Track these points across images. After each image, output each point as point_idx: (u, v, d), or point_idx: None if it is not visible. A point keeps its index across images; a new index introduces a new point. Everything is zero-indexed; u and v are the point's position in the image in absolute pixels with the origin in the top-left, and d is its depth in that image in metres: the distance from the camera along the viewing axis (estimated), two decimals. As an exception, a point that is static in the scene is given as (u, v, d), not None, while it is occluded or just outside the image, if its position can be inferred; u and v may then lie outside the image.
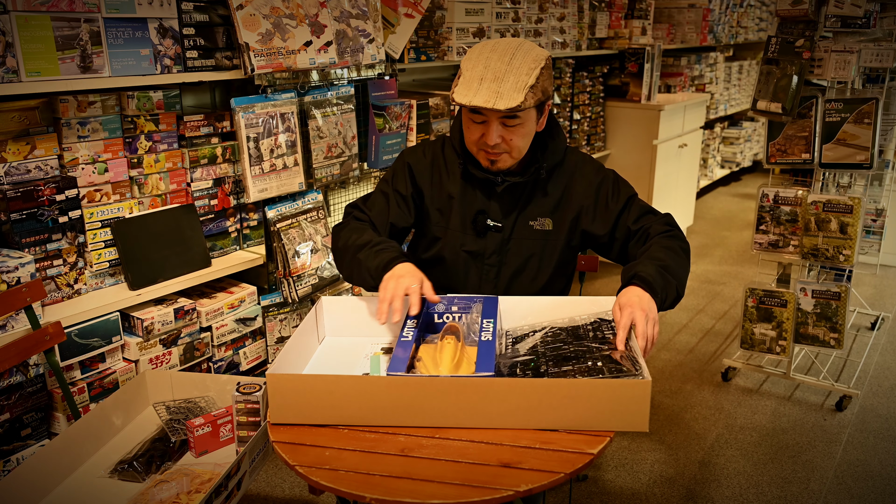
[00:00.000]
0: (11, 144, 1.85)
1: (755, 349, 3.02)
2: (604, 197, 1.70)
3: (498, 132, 1.56)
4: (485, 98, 1.49)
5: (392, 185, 1.75)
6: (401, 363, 1.34)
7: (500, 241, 1.72)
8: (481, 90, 1.50)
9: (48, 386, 1.89)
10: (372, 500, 1.15)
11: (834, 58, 2.67)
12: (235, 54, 2.24)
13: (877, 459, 2.59)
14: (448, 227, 1.74)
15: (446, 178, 1.74)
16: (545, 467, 1.20)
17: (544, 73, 1.55)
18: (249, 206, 2.43)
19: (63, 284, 1.98)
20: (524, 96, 1.49)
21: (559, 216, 1.71)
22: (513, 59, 1.52)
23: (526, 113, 1.56)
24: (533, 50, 1.56)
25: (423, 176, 1.75)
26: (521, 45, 1.56)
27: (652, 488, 2.42)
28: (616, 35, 4.31)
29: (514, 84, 1.49)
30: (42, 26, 1.77)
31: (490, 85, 1.50)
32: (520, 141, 1.60)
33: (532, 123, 1.60)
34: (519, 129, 1.58)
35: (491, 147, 1.58)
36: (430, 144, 1.79)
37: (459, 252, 1.73)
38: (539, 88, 1.53)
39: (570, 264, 1.79)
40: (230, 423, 1.68)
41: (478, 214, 1.71)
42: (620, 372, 1.34)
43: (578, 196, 1.71)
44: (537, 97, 1.53)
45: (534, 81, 1.50)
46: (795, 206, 2.85)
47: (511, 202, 1.70)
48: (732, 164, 6.56)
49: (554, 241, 1.72)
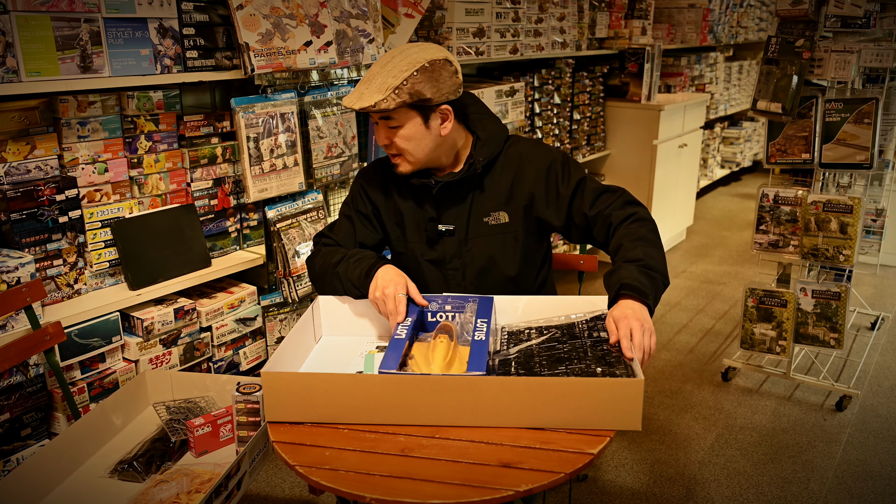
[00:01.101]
0: (11, 144, 1.85)
1: (755, 349, 3.02)
2: (553, 183, 1.68)
3: (383, 133, 1.61)
4: (351, 99, 1.57)
5: (353, 208, 1.79)
6: (393, 361, 1.35)
7: (457, 245, 1.71)
8: (354, 92, 1.58)
9: (48, 386, 1.90)
10: (372, 500, 1.15)
11: (834, 58, 2.67)
12: (235, 54, 2.24)
13: (877, 459, 2.59)
14: (406, 241, 1.75)
15: (395, 193, 1.75)
16: (545, 467, 1.20)
17: (419, 76, 1.52)
18: (249, 206, 2.43)
19: (63, 284, 1.98)
20: (383, 97, 1.51)
21: (512, 207, 1.70)
22: (390, 61, 1.55)
23: (401, 116, 1.57)
24: (418, 54, 1.54)
25: (376, 194, 1.77)
26: (408, 49, 1.56)
27: (652, 488, 2.42)
28: (616, 35, 4.31)
29: (379, 85, 1.53)
30: (42, 26, 1.77)
31: (361, 87, 1.57)
32: (405, 143, 1.60)
33: (415, 126, 1.59)
34: (399, 131, 1.59)
35: (384, 147, 1.63)
36: (380, 161, 1.81)
37: (422, 262, 1.74)
38: (406, 91, 1.52)
39: (537, 252, 1.78)
40: (230, 423, 1.68)
41: (428, 222, 1.71)
42: (613, 371, 1.35)
43: (528, 183, 1.69)
44: (402, 99, 1.52)
45: (398, 83, 1.51)
46: (795, 206, 2.85)
47: (459, 201, 1.70)
48: (732, 164, 6.56)
49: (513, 233, 1.71)
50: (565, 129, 4.09)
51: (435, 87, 1.56)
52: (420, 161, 1.64)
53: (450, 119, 1.63)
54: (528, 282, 1.77)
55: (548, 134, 3.93)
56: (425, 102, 1.56)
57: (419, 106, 1.57)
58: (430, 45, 1.60)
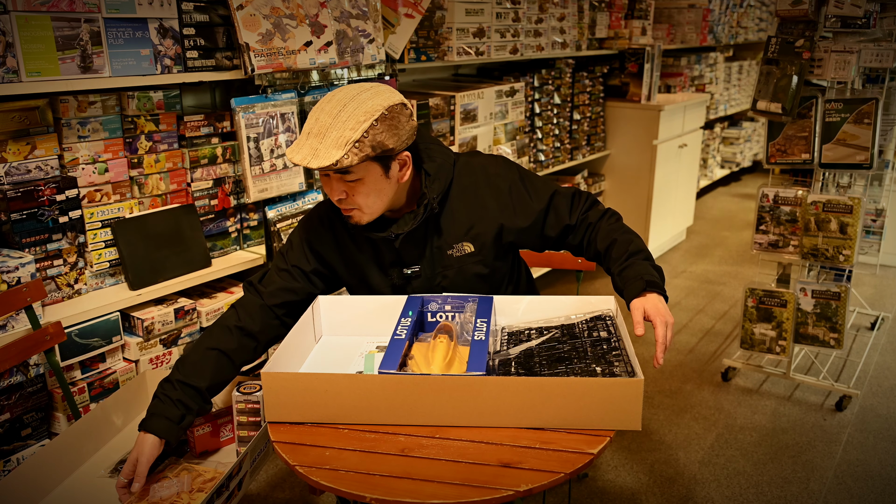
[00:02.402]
0: (12, 144, 1.85)
1: (755, 349, 3.02)
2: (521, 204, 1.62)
3: (339, 188, 1.48)
4: (302, 156, 1.41)
5: (289, 261, 1.67)
6: (392, 361, 1.35)
7: (425, 282, 1.66)
8: (304, 147, 1.42)
9: (48, 386, 1.90)
10: (372, 500, 1.15)
11: (834, 58, 2.67)
12: (235, 54, 2.24)
13: (877, 459, 2.59)
14: (372, 288, 1.69)
15: (349, 241, 1.66)
16: (545, 467, 1.20)
17: (380, 126, 1.41)
18: (249, 206, 2.43)
19: (63, 284, 1.98)
20: (343, 152, 1.38)
21: (477, 236, 1.63)
22: (342, 111, 1.41)
23: (362, 169, 1.44)
24: (372, 100, 1.42)
25: (325, 248, 1.68)
26: (359, 96, 1.43)
27: (652, 488, 2.42)
28: (616, 35, 4.31)
29: (335, 140, 1.39)
30: (42, 26, 1.77)
31: (312, 141, 1.41)
32: (364, 199, 1.49)
33: (375, 180, 1.47)
34: (359, 187, 1.47)
35: (337, 201, 1.51)
36: (323, 209, 1.70)
37: None
38: (368, 143, 1.40)
39: (505, 267, 1.73)
40: (230, 422, 1.68)
41: (391, 269, 1.65)
42: (613, 371, 1.35)
43: (492, 213, 1.62)
44: (364, 153, 1.40)
45: (358, 136, 1.38)
46: (795, 207, 2.85)
47: (419, 241, 1.63)
48: (732, 165, 6.56)
49: (481, 260, 1.65)
50: (565, 129, 4.09)
51: (395, 135, 1.44)
52: (378, 212, 1.54)
53: (408, 165, 1.53)
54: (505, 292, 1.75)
55: (548, 134, 3.93)
56: (388, 153, 1.45)
57: (380, 157, 1.46)
58: (379, 87, 1.47)
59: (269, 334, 1.65)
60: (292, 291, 1.65)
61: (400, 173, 1.52)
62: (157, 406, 1.50)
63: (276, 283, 1.65)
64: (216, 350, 1.56)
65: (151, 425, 1.48)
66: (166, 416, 1.49)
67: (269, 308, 1.63)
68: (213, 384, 1.56)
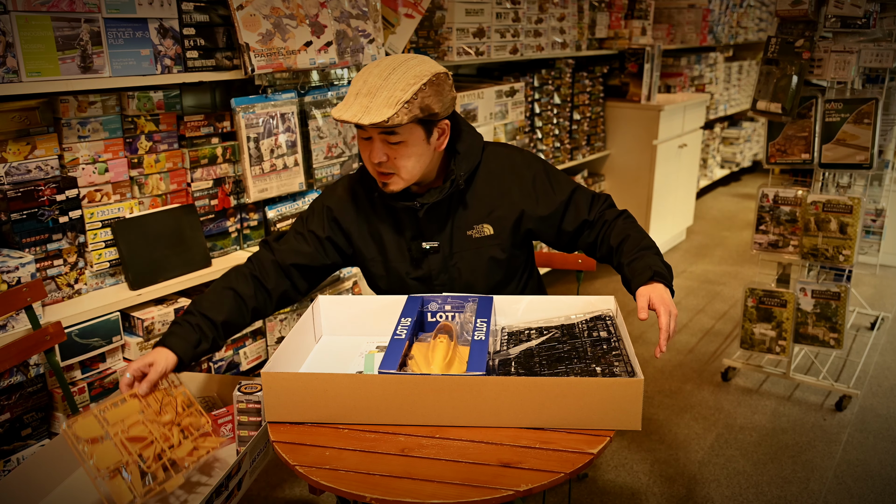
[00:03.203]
0: (12, 144, 1.85)
1: (755, 349, 3.02)
2: (544, 195, 1.67)
3: (381, 150, 1.51)
4: (353, 112, 1.45)
5: (307, 226, 1.71)
6: (392, 361, 1.35)
7: (442, 260, 1.68)
8: (353, 105, 1.46)
9: (48, 386, 1.90)
10: (372, 499, 1.15)
11: (834, 58, 2.67)
12: (236, 54, 2.24)
13: (877, 459, 2.59)
14: (388, 261, 1.70)
15: (371, 212, 1.69)
16: (545, 467, 1.20)
17: (428, 90, 1.46)
18: (250, 206, 2.43)
19: (63, 284, 1.98)
20: (395, 111, 1.42)
21: (498, 219, 1.67)
22: (392, 74, 1.46)
23: (407, 132, 1.49)
24: (419, 66, 1.48)
25: (346, 217, 1.70)
26: (407, 62, 1.49)
27: (652, 488, 2.42)
28: (616, 35, 4.31)
29: (386, 99, 1.44)
30: (42, 26, 1.77)
31: (362, 100, 1.46)
32: (405, 161, 1.52)
33: (418, 143, 1.52)
34: (402, 149, 1.51)
35: (376, 164, 1.54)
36: (348, 180, 1.75)
37: (407, 280, 1.71)
38: (417, 105, 1.45)
39: (521, 258, 1.77)
40: (231, 422, 1.68)
41: (411, 242, 1.68)
42: (612, 371, 1.35)
43: (515, 198, 1.66)
44: (413, 114, 1.45)
45: (409, 97, 1.43)
46: (795, 207, 2.85)
47: (441, 218, 1.66)
48: (732, 165, 6.56)
49: (499, 244, 1.68)
50: (565, 129, 4.09)
51: (440, 101, 1.51)
52: (414, 178, 1.57)
53: (446, 134, 1.58)
54: (512, 287, 1.77)
55: (548, 134, 3.93)
56: (433, 117, 1.51)
57: (425, 121, 1.51)
58: (425, 58, 1.55)
59: (280, 292, 1.67)
60: (303, 255, 1.68)
61: (438, 141, 1.58)
62: (174, 328, 1.53)
63: (289, 243, 1.69)
64: (232, 290, 1.60)
65: (168, 342, 1.50)
66: (183, 336, 1.51)
67: (280, 266, 1.67)
68: (229, 321, 1.59)
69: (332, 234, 1.71)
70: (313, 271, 1.71)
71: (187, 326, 1.53)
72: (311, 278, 1.72)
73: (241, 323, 1.62)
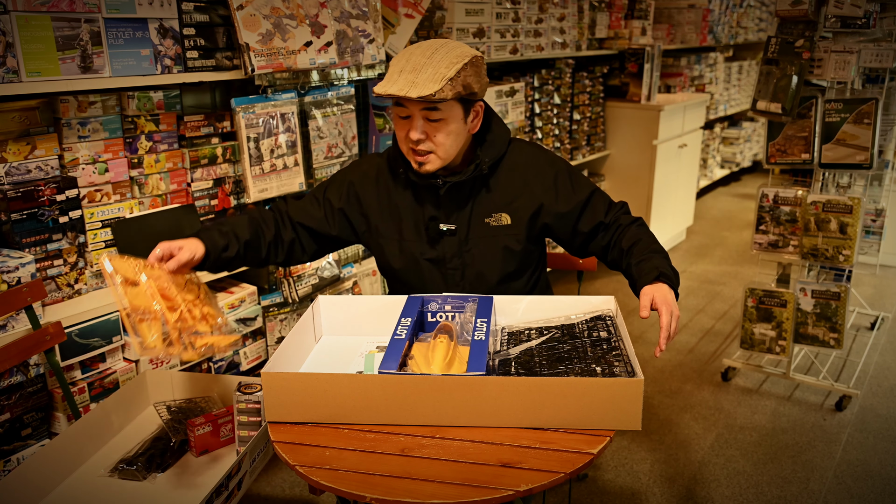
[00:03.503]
0: (12, 144, 1.85)
1: (755, 349, 3.02)
2: (564, 193, 1.69)
3: (421, 127, 1.56)
4: (399, 87, 1.50)
5: (325, 193, 1.76)
6: (393, 361, 1.35)
7: (457, 244, 1.70)
8: (399, 80, 1.51)
9: (48, 386, 1.90)
10: (372, 500, 1.15)
11: (834, 58, 2.67)
12: (236, 54, 2.24)
13: (877, 459, 2.59)
14: (403, 239, 1.72)
15: (393, 190, 1.72)
16: (545, 467, 1.20)
17: (469, 70, 1.52)
18: (250, 206, 2.43)
19: (63, 284, 1.98)
20: (440, 86, 1.47)
21: (516, 210, 1.69)
22: (435, 53, 1.52)
23: (448, 109, 1.55)
24: (459, 48, 1.55)
25: (367, 192, 1.74)
26: (447, 43, 1.56)
27: (652, 488, 2.42)
28: (616, 35, 4.31)
29: (432, 75, 1.49)
30: (42, 26, 1.77)
31: (408, 76, 1.50)
32: (444, 139, 1.57)
33: (457, 121, 1.58)
34: (442, 126, 1.56)
35: (415, 143, 1.57)
36: (374, 158, 1.79)
37: (420, 261, 1.72)
38: (460, 82, 1.50)
39: (534, 253, 1.79)
40: (231, 422, 1.68)
41: (429, 221, 1.69)
42: (613, 371, 1.35)
43: (536, 191, 1.69)
44: (456, 90, 1.50)
45: (453, 74, 1.49)
46: (795, 207, 2.85)
47: (461, 202, 1.69)
48: (732, 165, 6.56)
49: (515, 235, 1.70)
50: (565, 129, 4.09)
51: (479, 82, 1.57)
52: (450, 158, 1.61)
53: (480, 116, 1.64)
54: (523, 281, 1.78)
55: (548, 134, 3.93)
56: (472, 97, 1.57)
57: (465, 100, 1.57)
58: (461, 42, 1.61)
59: (289, 241, 1.72)
60: (312, 218, 1.73)
61: (472, 123, 1.63)
62: (203, 231, 1.61)
63: (303, 203, 1.75)
64: (255, 221, 1.68)
65: (200, 235, 1.57)
66: (213, 237, 1.59)
67: (290, 220, 1.72)
68: (251, 242, 1.66)
69: (347, 208, 1.74)
70: (318, 237, 1.76)
71: (216, 231, 1.60)
72: (318, 243, 1.77)
73: (259, 251, 1.68)
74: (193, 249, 1.53)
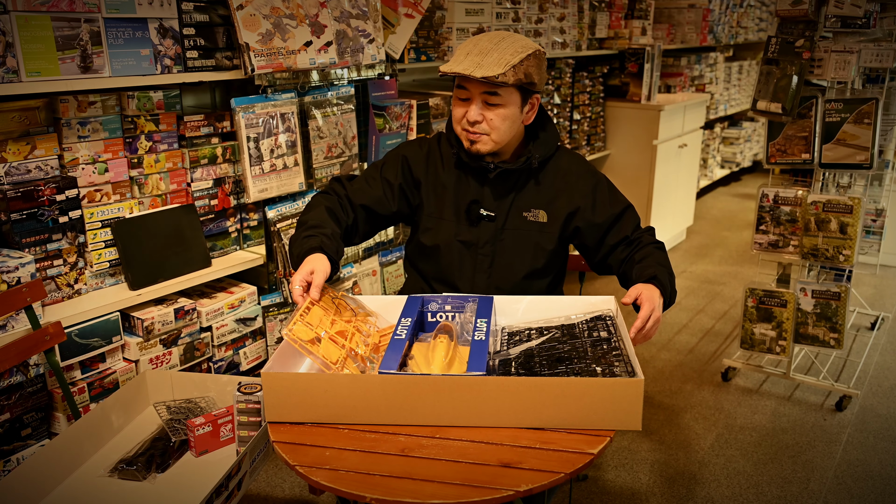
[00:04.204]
0: (12, 144, 1.85)
1: (755, 349, 3.02)
2: (601, 202, 1.75)
3: (479, 108, 1.61)
4: (465, 66, 1.56)
5: (381, 172, 1.79)
6: (393, 361, 1.35)
7: (493, 231, 1.74)
8: (465, 61, 1.58)
9: (48, 386, 1.90)
10: (372, 500, 1.15)
11: (834, 58, 2.67)
12: (236, 54, 2.24)
13: (877, 459, 2.59)
14: (442, 217, 1.77)
15: (441, 169, 1.78)
16: (545, 467, 1.20)
17: (532, 61, 1.59)
18: (249, 206, 2.43)
19: (63, 284, 1.98)
20: (504, 70, 1.54)
21: (554, 210, 1.74)
22: (502, 41, 1.59)
23: (507, 94, 1.60)
24: (524, 40, 1.62)
25: (418, 166, 1.79)
26: (513, 35, 1.63)
27: (652, 488, 2.42)
28: (616, 35, 4.31)
29: (497, 59, 1.56)
30: (42, 26, 1.77)
31: (474, 58, 1.57)
32: (500, 122, 1.63)
33: (514, 107, 1.63)
34: (499, 110, 1.61)
35: (472, 124, 1.62)
36: (425, 139, 1.85)
37: (454, 242, 1.76)
38: (522, 70, 1.57)
39: (560, 256, 1.82)
40: (231, 422, 1.68)
41: (471, 204, 1.74)
42: (613, 371, 1.35)
43: (575, 195, 1.75)
44: (518, 77, 1.56)
45: (517, 61, 1.56)
46: (795, 207, 2.85)
47: (504, 192, 1.74)
48: (732, 165, 6.56)
49: (549, 233, 1.75)
50: (565, 129, 4.09)
51: (539, 74, 1.64)
52: (502, 143, 1.66)
53: (535, 109, 1.70)
54: (544, 283, 1.81)
55: (548, 134, 3.92)
56: (531, 87, 1.63)
57: (524, 88, 1.62)
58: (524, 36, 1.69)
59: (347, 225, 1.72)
60: (372, 198, 1.76)
61: (527, 115, 1.69)
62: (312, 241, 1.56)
63: (360, 184, 1.77)
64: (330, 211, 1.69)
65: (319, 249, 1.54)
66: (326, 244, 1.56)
67: (350, 202, 1.74)
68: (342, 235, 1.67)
69: (404, 183, 1.79)
70: (376, 217, 1.78)
71: (322, 237, 1.58)
72: (373, 223, 1.79)
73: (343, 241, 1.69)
74: (323, 269, 1.52)
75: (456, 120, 1.68)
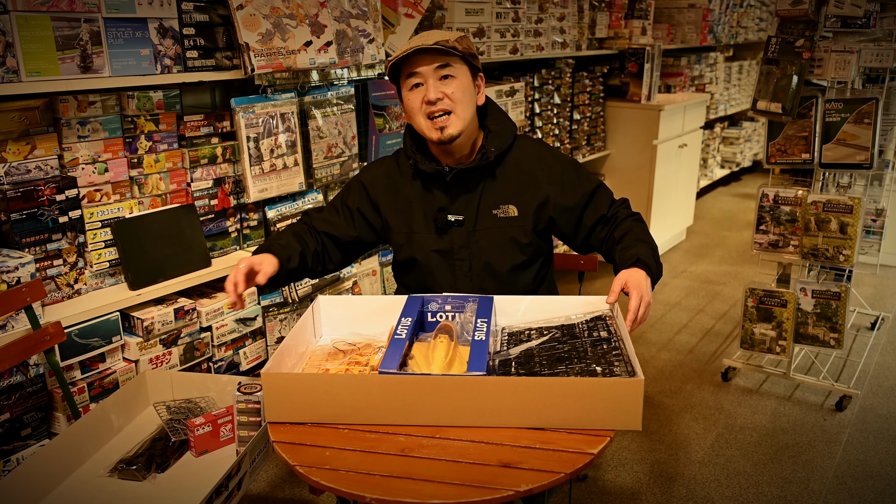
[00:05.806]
0: (11, 144, 1.85)
1: (755, 349, 3.02)
2: (570, 186, 1.74)
3: (437, 87, 1.62)
4: (412, 45, 1.61)
5: (342, 200, 1.82)
6: (393, 361, 1.35)
7: (465, 235, 1.73)
8: (411, 43, 1.63)
9: (48, 386, 1.90)
10: (372, 500, 1.15)
11: (834, 58, 2.67)
12: (235, 54, 2.24)
13: (877, 459, 2.59)
14: (412, 231, 1.76)
15: (402, 184, 1.78)
16: (545, 467, 1.20)
17: (466, 41, 1.66)
18: (249, 206, 2.43)
19: (63, 284, 1.98)
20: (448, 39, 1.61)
21: (523, 202, 1.73)
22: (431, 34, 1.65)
23: (458, 66, 1.64)
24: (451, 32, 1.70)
25: (377, 189, 1.80)
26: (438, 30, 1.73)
27: (652, 488, 2.42)
28: (616, 35, 4.31)
29: (439, 37, 1.62)
30: (42, 26, 1.77)
31: (418, 41, 1.63)
32: (461, 94, 1.64)
33: (467, 79, 1.66)
34: (455, 81, 1.64)
35: (433, 104, 1.62)
36: (384, 158, 1.85)
37: (429, 253, 1.75)
38: (463, 45, 1.63)
39: (541, 248, 1.81)
40: (230, 422, 1.68)
41: (438, 212, 1.73)
42: (613, 371, 1.35)
43: (542, 184, 1.73)
44: (464, 46, 1.63)
45: (455, 38, 1.63)
46: (795, 206, 2.85)
47: (468, 194, 1.73)
48: (732, 164, 6.56)
49: (522, 227, 1.74)
50: (565, 129, 4.09)
51: (475, 55, 1.69)
52: (467, 118, 1.66)
53: (482, 91, 1.72)
54: (530, 276, 1.79)
55: (548, 134, 3.93)
56: (474, 61, 1.68)
57: (470, 64, 1.67)
58: None
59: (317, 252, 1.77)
60: (333, 225, 1.79)
61: (478, 95, 1.72)
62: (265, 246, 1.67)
63: (323, 214, 1.82)
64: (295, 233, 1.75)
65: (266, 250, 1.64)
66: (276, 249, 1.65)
67: (314, 231, 1.78)
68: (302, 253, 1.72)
69: (362, 207, 1.80)
70: (342, 245, 1.81)
71: (276, 245, 1.67)
72: (342, 251, 1.82)
73: (306, 262, 1.73)
74: (272, 262, 1.60)
75: (415, 110, 1.66)
